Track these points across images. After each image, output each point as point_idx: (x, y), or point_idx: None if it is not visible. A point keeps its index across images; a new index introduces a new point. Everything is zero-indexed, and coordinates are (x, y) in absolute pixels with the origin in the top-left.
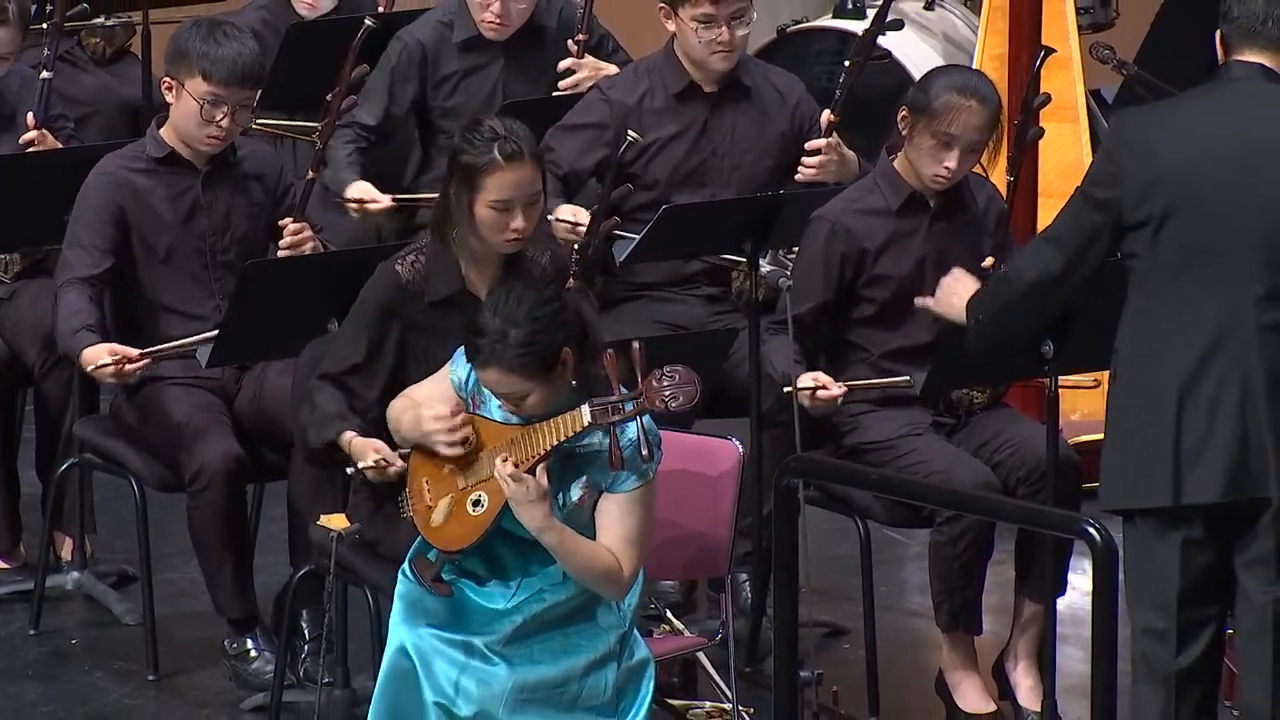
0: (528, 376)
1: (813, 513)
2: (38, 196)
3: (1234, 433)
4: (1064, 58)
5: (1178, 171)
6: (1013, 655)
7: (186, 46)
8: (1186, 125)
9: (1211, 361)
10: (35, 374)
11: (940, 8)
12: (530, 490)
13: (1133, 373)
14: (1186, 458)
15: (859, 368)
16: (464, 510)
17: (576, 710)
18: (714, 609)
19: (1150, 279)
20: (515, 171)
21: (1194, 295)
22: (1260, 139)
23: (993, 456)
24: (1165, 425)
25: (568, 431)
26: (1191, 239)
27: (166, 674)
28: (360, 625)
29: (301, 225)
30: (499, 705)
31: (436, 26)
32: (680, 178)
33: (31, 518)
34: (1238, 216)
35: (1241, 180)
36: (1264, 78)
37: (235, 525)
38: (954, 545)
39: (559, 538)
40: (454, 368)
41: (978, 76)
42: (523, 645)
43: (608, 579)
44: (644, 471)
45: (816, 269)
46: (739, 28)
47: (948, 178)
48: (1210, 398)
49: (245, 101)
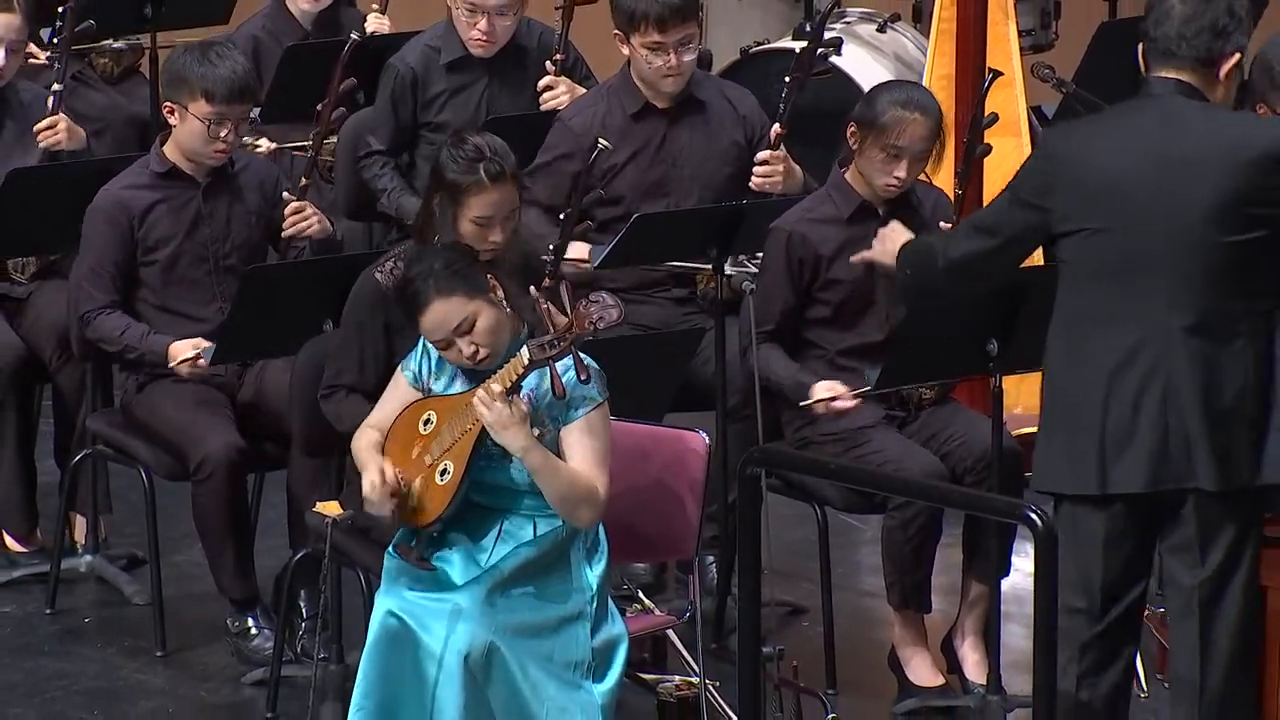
0: (468, 295)
1: (774, 500)
2: (53, 205)
3: (1156, 427)
4: (1007, 77)
5: (1103, 184)
6: (960, 632)
7: (184, 72)
8: (1110, 140)
9: (1135, 361)
10: (51, 369)
11: (892, 30)
12: (513, 413)
13: (1063, 369)
14: (1112, 450)
15: (816, 364)
16: (433, 483)
17: (554, 664)
18: (682, 589)
19: (1078, 283)
20: (497, 192)
21: (1119, 299)
22: (1176, 153)
23: (941, 447)
24: (1092, 419)
25: (515, 373)
26: (1115, 248)
27: (173, 650)
28: (354, 605)
29: (303, 204)
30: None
31: (424, 50)
32: (644, 190)
33: (48, 504)
34: (1156, 227)
35: (1159, 192)
36: (1181, 93)
37: (237, 512)
38: (905, 530)
39: (542, 457)
40: (405, 370)
41: (918, 89)
42: (501, 596)
43: (587, 496)
44: (591, 395)
45: (779, 275)
46: (686, 53)
47: (898, 186)
48: (1134, 394)
49: (244, 115)
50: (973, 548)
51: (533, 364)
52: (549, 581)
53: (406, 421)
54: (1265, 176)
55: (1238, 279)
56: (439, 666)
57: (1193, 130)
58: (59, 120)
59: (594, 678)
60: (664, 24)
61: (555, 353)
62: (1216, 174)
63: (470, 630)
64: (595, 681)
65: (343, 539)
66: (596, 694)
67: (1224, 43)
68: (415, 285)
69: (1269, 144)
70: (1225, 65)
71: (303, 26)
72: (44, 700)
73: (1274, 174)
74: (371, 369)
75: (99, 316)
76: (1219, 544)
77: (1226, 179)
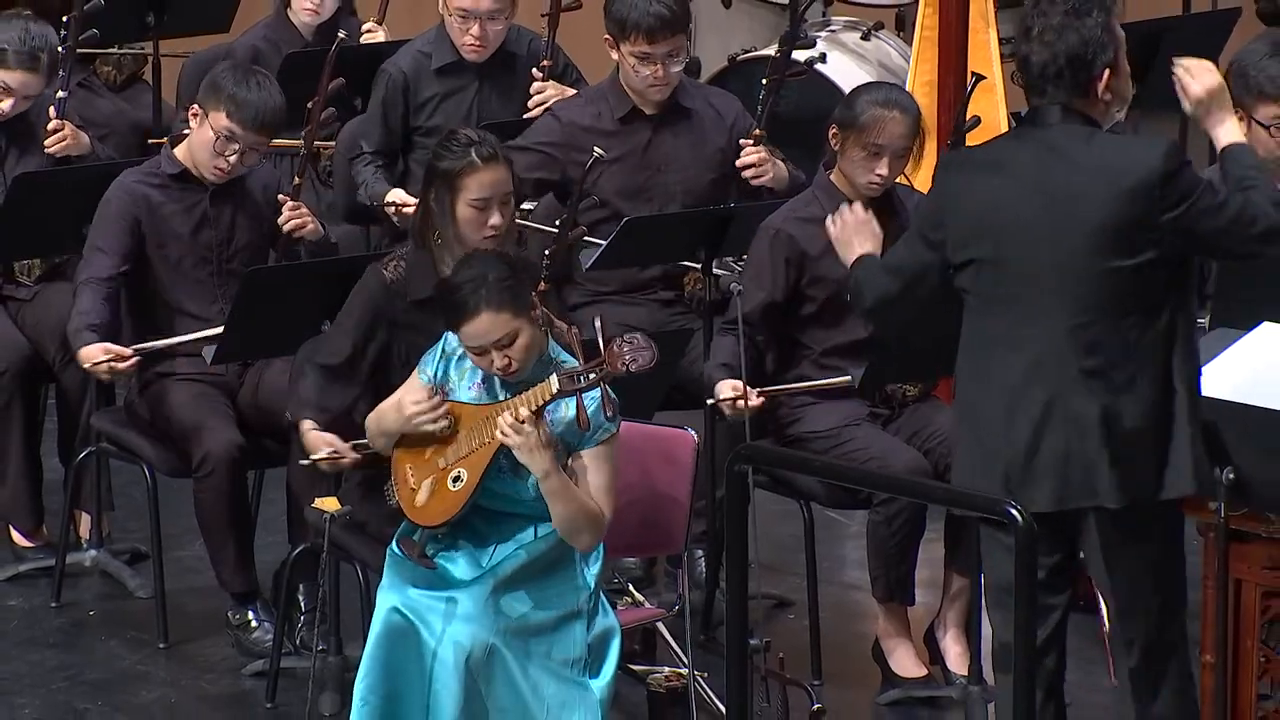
0: (515, 313)
1: (761, 496)
2: (58, 209)
3: (1058, 446)
4: (989, 82)
5: (988, 215)
6: (942, 624)
7: (221, 82)
8: (996, 171)
9: (1032, 385)
10: (55, 369)
11: (876, 38)
12: (541, 436)
13: (968, 395)
14: (1015, 473)
15: (803, 364)
16: (445, 488)
17: (552, 662)
18: (672, 583)
19: (978, 310)
20: (491, 172)
21: (1015, 325)
22: (1059, 182)
23: (924, 444)
24: (996, 444)
25: (541, 399)
26: (1006, 276)
27: (175, 642)
28: (351, 598)
29: (299, 205)
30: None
31: (416, 56)
32: (628, 194)
33: (53, 501)
34: (1044, 255)
35: (1044, 220)
36: (1065, 121)
37: (238, 508)
38: (889, 525)
39: (561, 481)
40: (422, 371)
41: (895, 89)
42: (503, 596)
43: (592, 522)
44: (608, 428)
45: (763, 272)
46: (673, 65)
47: (881, 183)
48: (1034, 418)
49: (257, 145)
50: (955, 542)
51: (560, 394)
52: (549, 582)
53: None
54: (1145, 202)
55: (1131, 299)
56: (435, 660)
57: (1074, 159)
58: (65, 125)
59: (590, 673)
60: (653, 36)
61: (583, 386)
62: (1098, 201)
63: (471, 631)
64: (592, 676)
65: (340, 534)
66: (594, 689)
67: (1089, 70)
68: (464, 292)
69: (1147, 171)
70: (1099, 85)
71: (304, 37)
72: (49, 690)
73: (1152, 199)
74: (352, 355)
75: (85, 290)
76: (1127, 559)
77: (1108, 205)
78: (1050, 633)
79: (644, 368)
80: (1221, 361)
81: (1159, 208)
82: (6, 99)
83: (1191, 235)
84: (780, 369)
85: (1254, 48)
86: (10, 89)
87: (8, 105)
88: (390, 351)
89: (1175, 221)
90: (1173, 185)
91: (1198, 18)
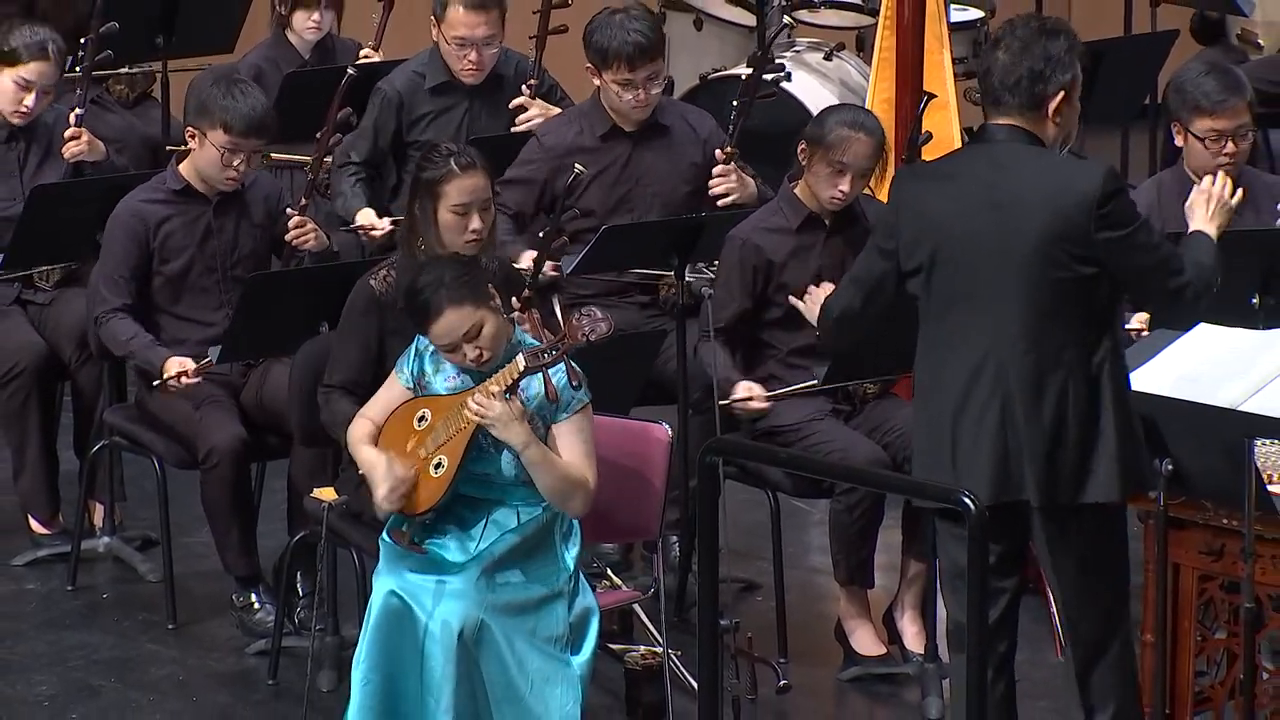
0: (476, 304)
1: (731, 486)
2: (74, 217)
3: (997, 442)
4: (941, 100)
5: (937, 224)
6: (900, 606)
7: (209, 102)
8: (946, 183)
9: (977, 387)
10: (71, 368)
11: (837, 58)
12: (513, 410)
13: (923, 396)
14: (961, 468)
15: (770, 363)
16: (428, 475)
17: (536, 639)
18: (647, 567)
19: (930, 316)
20: (470, 179)
21: (963, 330)
22: (1004, 195)
23: (884, 438)
24: (944, 441)
25: (510, 377)
26: (955, 283)
27: (183, 623)
28: (347, 581)
29: (304, 219)
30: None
31: (410, 75)
32: (610, 206)
33: (69, 491)
34: (987, 263)
35: (988, 231)
36: (1014, 139)
37: (241, 497)
38: (850, 513)
39: (541, 451)
40: (399, 372)
41: (864, 112)
42: (492, 577)
43: (578, 487)
44: (580, 398)
45: (734, 281)
46: (653, 87)
47: (843, 199)
48: (976, 417)
49: (258, 149)
50: (912, 529)
51: (527, 370)
52: (534, 563)
53: (401, 417)
54: (1082, 220)
55: (1068, 312)
56: (428, 636)
57: (1020, 174)
58: (82, 131)
59: (572, 650)
60: (634, 63)
61: (548, 361)
62: (1039, 216)
63: (463, 608)
64: (573, 654)
65: (338, 522)
66: (575, 665)
67: (1045, 86)
68: (426, 295)
69: (1087, 189)
70: (1050, 105)
71: (301, 54)
72: (66, 669)
73: (1089, 218)
74: (364, 369)
75: (111, 319)
76: (1064, 552)
77: (1048, 220)
78: (1001, 614)
79: (603, 337)
80: (1161, 360)
81: (1095, 226)
82: (28, 94)
83: (1118, 264)
84: (748, 368)
85: (1191, 66)
86: (30, 82)
87: (31, 100)
88: (384, 357)
89: (1108, 244)
90: (1109, 207)
91: (1137, 39)
